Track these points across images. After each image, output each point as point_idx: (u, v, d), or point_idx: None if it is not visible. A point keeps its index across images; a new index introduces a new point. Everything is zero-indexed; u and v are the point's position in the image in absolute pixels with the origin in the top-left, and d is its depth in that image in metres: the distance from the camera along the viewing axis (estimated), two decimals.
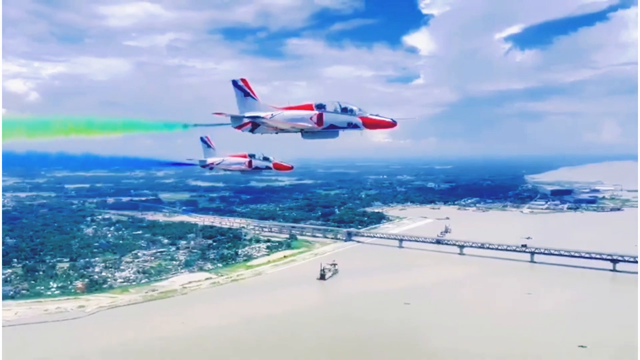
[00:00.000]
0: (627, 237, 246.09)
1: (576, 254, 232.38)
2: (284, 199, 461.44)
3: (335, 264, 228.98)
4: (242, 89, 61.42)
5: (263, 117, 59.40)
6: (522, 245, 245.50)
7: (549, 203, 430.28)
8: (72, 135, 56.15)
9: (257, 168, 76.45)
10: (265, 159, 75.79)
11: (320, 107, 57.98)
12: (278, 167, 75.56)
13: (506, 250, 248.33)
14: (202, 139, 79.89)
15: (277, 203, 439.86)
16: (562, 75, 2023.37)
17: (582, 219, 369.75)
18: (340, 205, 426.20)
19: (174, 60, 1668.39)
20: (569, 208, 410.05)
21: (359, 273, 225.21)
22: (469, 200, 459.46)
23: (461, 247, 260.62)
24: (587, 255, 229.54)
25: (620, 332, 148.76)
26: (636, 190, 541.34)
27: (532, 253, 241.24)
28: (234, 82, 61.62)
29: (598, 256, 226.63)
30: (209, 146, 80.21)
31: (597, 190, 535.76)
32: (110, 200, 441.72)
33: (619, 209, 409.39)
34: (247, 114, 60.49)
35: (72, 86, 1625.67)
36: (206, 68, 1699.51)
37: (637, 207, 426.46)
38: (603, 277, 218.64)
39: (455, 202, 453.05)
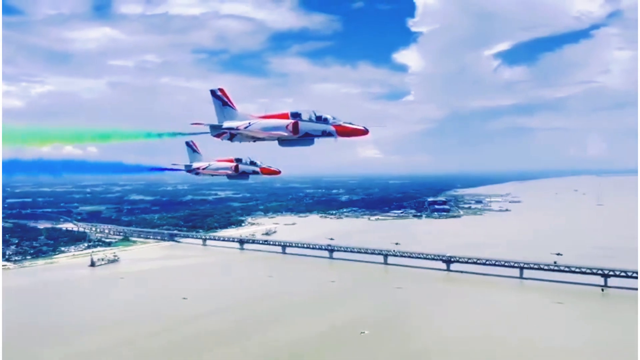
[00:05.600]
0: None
1: (315, 246, 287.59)
2: (178, 210, 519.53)
3: (115, 255, 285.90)
4: (221, 99, 62.79)
5: (240, 127, 61.17)
6: (264, 241, 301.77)
7: (403, 211, 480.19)
8: (51, 145, 56.91)
9: (244, 172, 75.74)
10: (253, 163, 75.05)
11: (296, 115, 59.21)
12: (266, 171, 75.09)
13: (266, 244, 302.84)
14: (187, 143, 78.33)
15: (167, 213, 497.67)
16: (549, 91, 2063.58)
17: (395, 224, 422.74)
18: (219, 214, 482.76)
19: (145, 79, 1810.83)
20: (414, 216, 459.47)
21: (133, 262, 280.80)
22: (343, 210, 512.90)
23: (241, 242, 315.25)
24: (315, 247, 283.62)
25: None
26: (518, 202, 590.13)
27: (284, 246, 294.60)
28: (212, 92, 63.04)
29: (319, 247, 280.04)
30: (194, 151, 78.62)
31: (480, 202, 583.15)
32: (27, 211, 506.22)
33: (455, 217, 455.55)
34: (225, 124, 61.99)
35: (50, 105, 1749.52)
36: (182, 86, 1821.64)
37: (481, 214, 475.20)
38: (321, 263, 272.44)
39: (327, 212, 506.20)
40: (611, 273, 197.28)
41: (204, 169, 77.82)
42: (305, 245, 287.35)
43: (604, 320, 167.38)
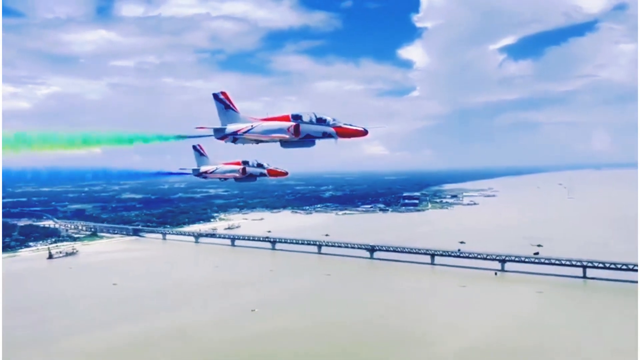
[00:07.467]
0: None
1: (260, 239, 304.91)
2: (160, 207, 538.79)
3: (74, 248, 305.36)
4: (223, 102, 63.87)
5: (242, 130, 62.67)
6: (212, 234, 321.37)
7: (372, 206, 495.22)
8: (48, 151, 57.57)
9: (251, 175, 75.93)
10: (260, 165, 75.08)
11: (297, 117, 60.16)
12: (273, 173, 75.23)
13: (217, 237, 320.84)
14: (194, 147, 78.55)
15: (148, 210, 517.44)
16: (554, 85, 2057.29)
17: (358, 218, 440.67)
18: (194, 211, 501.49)
19: (145, 80, 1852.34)
20: (380, 210, 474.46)
21: (90, 255, 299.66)
22: (317, 206, 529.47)
23: (197, 237, 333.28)
24: (259, 239, 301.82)
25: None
26: (492, 196, 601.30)
27: (233, 239, 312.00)
28: (215, 95, 64.16)
29: (262, 239, 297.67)
30: (201, 154, 78.80)
31: (455, 196, 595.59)
32: (16, 210, 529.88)
33: (420, 211, 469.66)
34: (228, 127, 63.72)
35: (56, 106, 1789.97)
36: (185, 86, 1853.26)
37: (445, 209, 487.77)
38: (265, 254, 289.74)
39: (301, 208, 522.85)
40: (507, 259, 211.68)
41: (211, 172, 78.21)
42: (250, 238, 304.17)
43: (496, 299, 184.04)
